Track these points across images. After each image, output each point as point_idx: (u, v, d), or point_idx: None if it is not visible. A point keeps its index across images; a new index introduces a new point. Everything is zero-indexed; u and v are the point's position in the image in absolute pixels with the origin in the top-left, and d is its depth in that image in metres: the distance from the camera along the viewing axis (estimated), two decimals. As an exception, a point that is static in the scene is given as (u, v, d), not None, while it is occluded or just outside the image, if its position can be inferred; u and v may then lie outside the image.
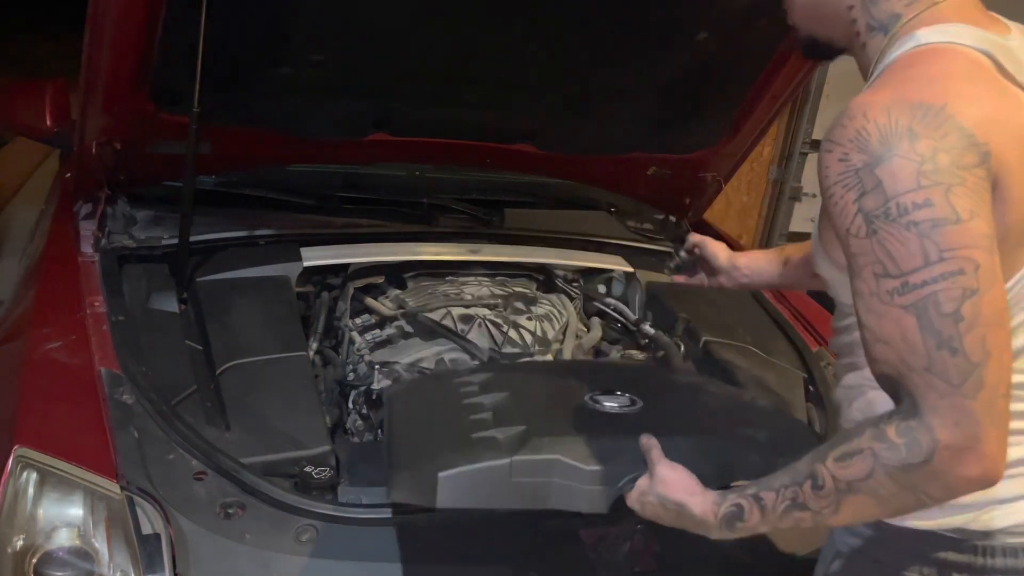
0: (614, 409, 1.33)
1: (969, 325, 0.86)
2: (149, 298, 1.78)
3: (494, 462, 1.19)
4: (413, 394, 1.54)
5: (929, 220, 0.86)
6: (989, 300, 0.86)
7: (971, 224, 0.86)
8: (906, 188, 0.87)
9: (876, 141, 0.88)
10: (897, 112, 0.89)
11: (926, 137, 0.87)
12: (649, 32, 1.89)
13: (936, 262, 0.86)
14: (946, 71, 0.94)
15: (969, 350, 0.86)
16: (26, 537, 1.24)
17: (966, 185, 0.86)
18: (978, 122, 0.88)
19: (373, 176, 2.37)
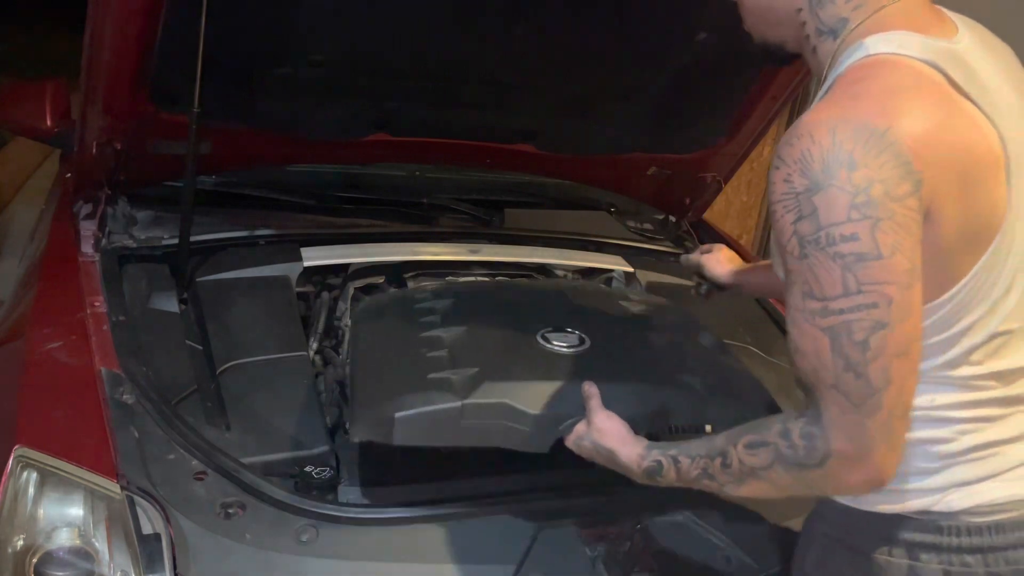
0: (563, 349, 1.44)
1: (875, 355, 0.93)
2: (149, 298, 1.78)
3: (447, 405, 1.30)
4: (377, 320, 1.61)
5: (853, 254, 0.92)
6: (897, 334, 0.93)
7: (891, 260, 0.92)
8: (837, 220, 0.92)
9: (818, 168, 0.93)
10: (841, 134, 0.93)
11: (864, 166, 0.91)
12: (649, 32, 1.89)
13: (855, 293, 0.92)
14: (892, 86, 0.97)
15: (872, 376, 0.93)
16: (26, 537, 1.24)
17: (894, 219, 0.91)
18: (918, 146, 0.92)
19: (373, 176, 2.37)
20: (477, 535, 1.38)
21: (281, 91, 1.89)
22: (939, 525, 1.07)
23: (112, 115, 1.77)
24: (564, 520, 1.42)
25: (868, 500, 1.11)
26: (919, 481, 1.08)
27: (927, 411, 1.06)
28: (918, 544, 1.08)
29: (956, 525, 1.07)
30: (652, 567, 1.40)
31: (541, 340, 1.46)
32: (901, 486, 1.09)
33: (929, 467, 1.08)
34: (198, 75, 1.59)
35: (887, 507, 1.09)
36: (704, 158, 2.37)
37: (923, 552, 1.08)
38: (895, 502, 1.09)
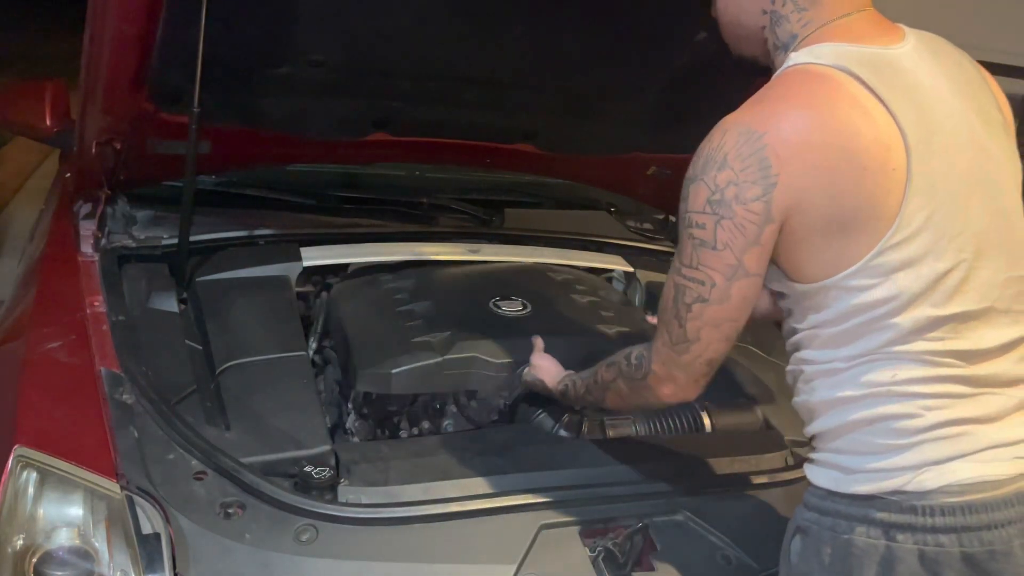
0: (512, 313, 1.84)
1: (694, 317, 1.18)
2: (149, 298, 1.78)
3: (431, 360, 1.67)
4: (354, 298, 1.91)
5: (699, 239, 1.14)
6: (713, 311, 1.16)
7: (721, 253, 1.13)
8: (696, 209, 1.14)
9: (700, 162, 1.14)
10: (730, 135, 1.12)
11: (729, 169, 1.10)
12: (649, 32, 1.89)
13: (694, 268, 1.16)
14: (786, 93, 1.13)
15: (688, 330, 1.19)
16: (26, 537, 1.24)
17: (734, 220, 1.11)
18: (785, 150, 1.08)
19: (373, 176, 2.37)
20: (477, 535, 1.38)
21: (281, 91, 1.89)
22: (913, 505, 1.11)
23: (112, 115, 1.77)
24: (564, 520, 1.42)
25: (846, 482, 1.16)
26: (891, 458, 1.12)
27: (889, 386, 1.12)
28: (894, 525, 1.11)
29: (930, 505, 1.10)
30: (652, 567, 1.40)
31: (493, 307, 1.85)
32: (874, 464, 1.13)
33: (899, 443, 1.12)
34: (198, 75, 1.59)
35: (864, 488, 1.14)
36: (704, 158, 2.36)
37: (899, 533, 1.11)
38: (871, 482, 1.13)
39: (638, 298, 2.24)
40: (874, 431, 1.14)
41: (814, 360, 1.19)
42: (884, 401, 1.13)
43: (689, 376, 1.24)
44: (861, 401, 1.14)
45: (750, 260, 1.13)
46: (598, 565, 1.37)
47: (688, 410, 1.79)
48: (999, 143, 1.20)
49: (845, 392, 1.16)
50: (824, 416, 1.19)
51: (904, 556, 1.10)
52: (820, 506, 1.19)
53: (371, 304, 1.88)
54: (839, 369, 1.16)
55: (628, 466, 1.56)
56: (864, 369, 1.14)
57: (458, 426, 1.71)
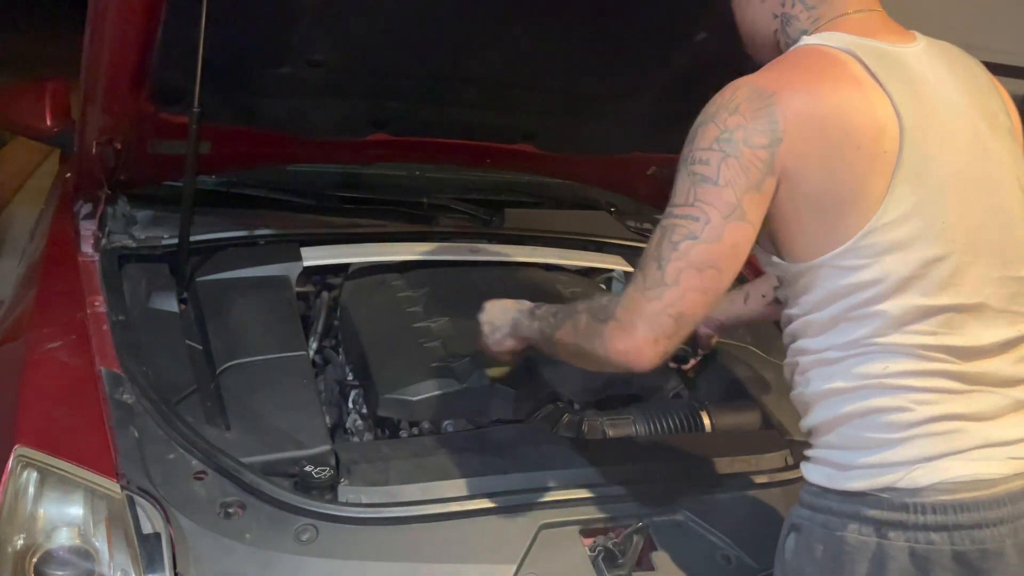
0: None
1: (679, 256, 1.12)
2: (149, 298, 1.78)
3: (451, 389, 1.67)
4: (366, 307, 1.91)
5: (701, 175, 1.12)
6: (702, 250, 1.11)
7: (723, 189, 1.11)
8: (702, 146, 1.13)
9: (712, 109, 1.15)
10: (740, 91, 1.14)
11: (741, 115, 1.11)
12: (649, 32, 1.89)
13: (690, 204, 1.12)
14: (795, 64, 1.17)
15: (667, 272, 1.12)
16: (26, 536, 1.24)
17: (740, 160, 1.10)
18: (791, 112, 1.10)
19: (373, 176, 2.37)
20: (477, 535, 1.38)
21: (281, 91, 1.89)
22: (905, 503, 1.11)
23: (112, 115, 1.77)
24: (564, 520, 1.42)
25: (839, 479, 1.16)
26: (882, 453, 1.13)
27: (881, 379, 1.13)
28: (885, 522, 1.11)
29: (921, 503, 1.10)
30: (652, 567, 1.40)
31: None
32: (866, 459, 1.13)
33: (890, 437, 1.12)
34: (198, 75, 1.59)
35: (856, 484, 1.14)
36: (704, 158, 2.36)
37: (890, 530, 1.11)
38: (863, 479, 1.13)
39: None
40: (866, 424, 1.14)
41: (809, 350, 1.20)
42: (876, 393, 1.13)
43: (649, 331, 1.13)
44: (853, 393, 1.15)
45: (749, 204, 1.11)
46: (598, 565, 1.37)
47: (688, 410, 1.80)
48: (1004, 145, 1.21)
49: (838, 383, 1.16)
50: (818, 408, 1.20)
51: (895, 554, 1.11)
52: (813, 503, 1.20)
53: (386, 317, 1.86)
54: (832, 359, 1.16)
55: (628, 466, 1.56)
56: (857, 360, 1.14)
57: (458, 426, 1.71)
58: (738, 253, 1.13)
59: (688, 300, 1.13)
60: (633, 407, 1.79)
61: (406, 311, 1.87)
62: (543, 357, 1.66)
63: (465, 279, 2.03)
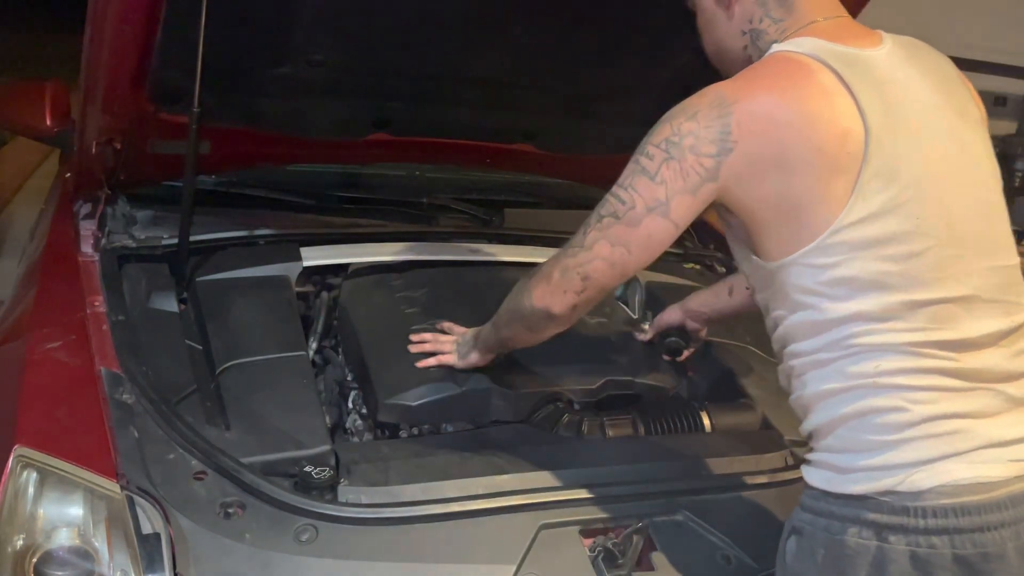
0: None
1: (599, 228, 1.26)
2: (149, 298, 1.78)
3: (451, 393, 1.65)
4: (365, 308, 1.90)
5: (642, 166, 1.22)
6: (617, 229, 1.24)
7: (656, 186, 1.20)
8: (654, 142, 1.21)
9: (675, 109, 1.21)
10: (707, 97, 1.19)
11: (695, 122, 1.17)
12: (649, 32, 1.89)
13: (624, 187, 1.24)
14: (762, 72, 1.21)
15: (587, 237, 1.28)
16: (26, 536, 1.24)
17: (681, 163, 1.18)
18: (748, 120, 1.14)
19: (373, 176, 2.37)
20: (477, 535, 1.38)
21: (281, 91, 1.89)
22: (906, 507, 1.10)
23: (112, 115, 1.77)
24: (564, 520, 1.42)
25: (839, 482, 1.15)
26: (881, 455, 1.12)
27: (873, 378, 1.13)
28: (886, 526, 1.11)
29: (922, 507, 1.10)
30: (652, 567, 1.40)
31: None
32: (866, 462, 1.13)
33: (887, 439, 1.12)
34: (198, 75, 1.59)
35: (857, 488, 1.13)
36: (704, 158, 2.36)
37: (891, 534, 1.11)
38: (864, 482, 1.13)
39: (638, 298, 2.24)
40: (863, 425, 1.14)
41: (801, 352, 1.20)
42: (870, 393, 1.13)
43: (562, 282, 1.32)
44: (847, 393, 1.14)
45: (678, 205, 1.20)
46: (598, 565, 1.37)
47: (688, 410, 1.80)
48: (978, 136, 1.24)
49: (832, 384, 1.16)
50: (816, 411, 1.20)
51: (896, 557, 1.10)
52: (814, 507, 1.19)
53: (384, 319, 1.86)
54: (825, 361, 1.17)
55: (628, 466, 1.56)
56: (849, 360, 1.14)
57: (458, 427, 1.71)
58: (651, 243, 1.24)
59: (595, 266, 1.28)
60: (633, 407, 1.79)
61: (405, 311, 1.87)
62: (543, 357, 1.73)
63: (465, 279, 2.03)
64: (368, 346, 1.76)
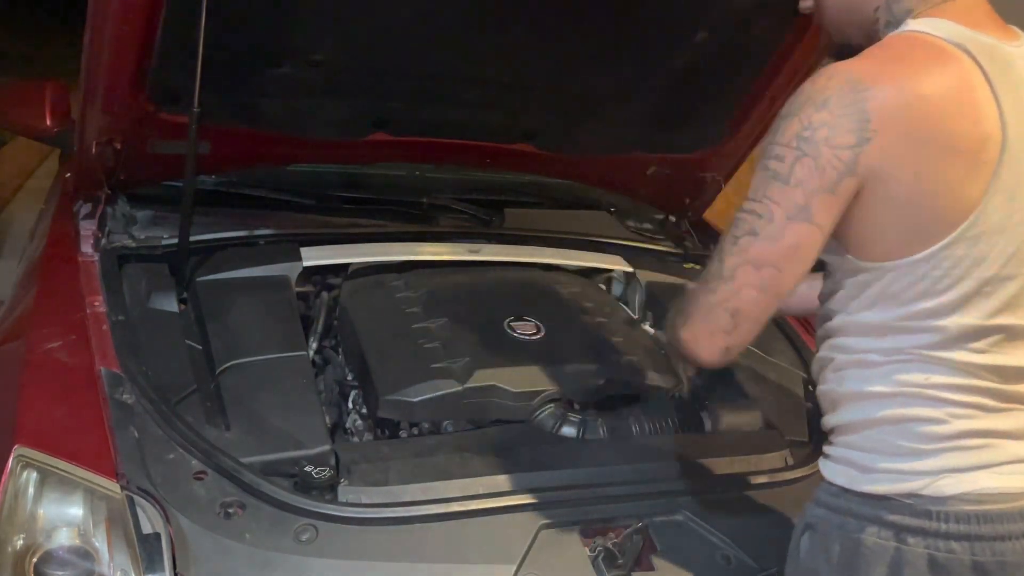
0: (526, 337, 1.82)
1: (737, 251, 1.11)
2: (149, 298, 1.77)
3: (452, 390, 1.65)
4: (366, 308, 1.90)
5: (773, 171, 1.08)
6: (760, 247, 1.09)
7: (792, 189, 1.07)
8: (782, 141, 1.08)
9: (800, 100, 1.08)
10: (836, 80, 1.06)
11: (829, 112, 1.05)
12: (649, 32, 1.89)
13: (757, 199, 1.10)
14: (899, 54, 1.09)
15: (724, 266, 1.12)
16: (26, 536, 1.24)
17: (817, 161, 1.05)
18: (886, 110, 1.03)
19: (373, 176, 2.37)
20: (477, 535, 1.38)
21: (281, 91, 1.89)
22: (928, 510, 1.10)
23: (112, 115, 1.77)
24: (564, 520, 1.42)
25: (860, 480, 1.15)
26: (911, 461, 1.12)
27: (921, 388, 1.11)
28: (906, 527, 1.11)
29: (944, 511, 1.09)
30: (652, 567, 1.40)
31: (508, 329, 1.83)
32: (892, 465, 1.12)
33: (921, 447, 1.11)
34: (198, 75, 1.59)
35: (878, 488, 1.13)
36: (704, 158, 2.37)
37: (910, 536, 1.10)
38: (886, 483, 1.12)
39: (638, 298, 2.24)
40: (898, 431, 1.12)
41: (849, 348, 1.17)
42: (914, 402, 1.12)
43: (706, 323, 1.14)
44: (891, 399, 1.13)
45: (819, 206, 1.06)
46: (598, 565, 1.37)
47: (688, 410, 1.80)
48: None
49: (875, 387, 1.14)
50: (848, 409, 1.18)
51: (913, 560, 1.10)
52: (831, 503, 1.18)
53: (385, 318, 1.86)
54: (873, 363, 1.14)
55: (628, 466, 1.56)
56: (899, 367, 1.12)
57: (458, 426, 1.71)
58: (800, 255, 1.09)
59: (744, 297, 1.11)
60: (633, 407, 1.79)
61: (405, 311, 1.86)
62: (543, 357, 1.75)
63: (465, 279, 2.03)
64: (368, 345, 1.76)
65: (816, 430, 1.81)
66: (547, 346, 1.81)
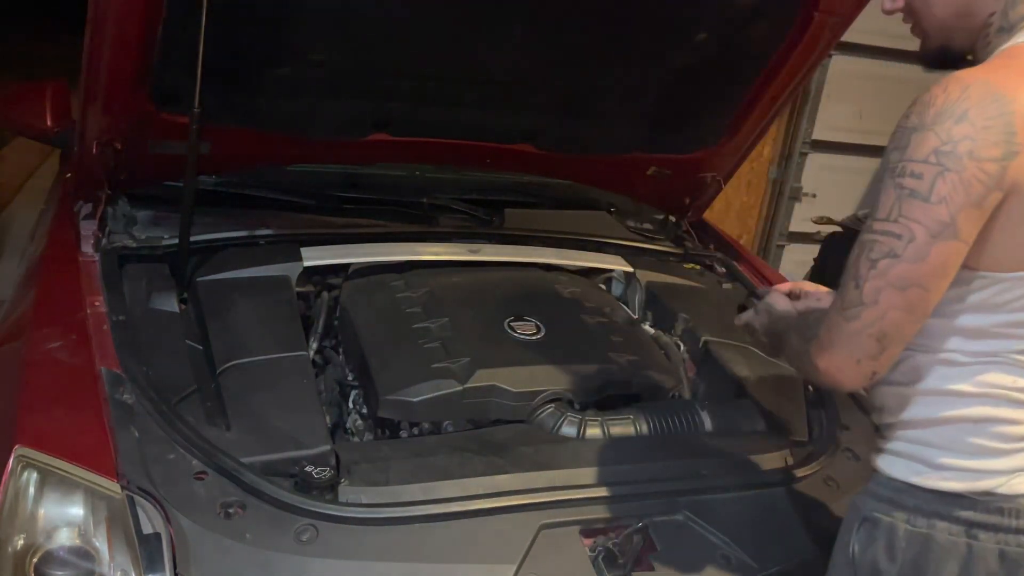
0: (526, 337, 1.83)
1: (877, 275, 1.07)
2: (149, 298, 1.78)
3: (453, 389, 1.66)
4: (366, 308, 1.90)
5: (909, 189, 1.04)
6: (903, 269, 1.05)
7: (934, 207, 1.03)
8: (917, 157, 1.04)
9: (933, 112, 1.04)
10: (974, 91, 1.03)
11: (970, 124, 1.01)
12: (649, 32, 1.89)
13: (891, 220, 1.06)
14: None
15: (865, 292, 1.08)
16: (27, 536, 1.24)
17: (961, 175, 1.02)
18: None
19: (373, 176, 2.37)
20: (477, 535, 1.38)
21: (281, 91, 1.89)
22: (1000, 507, 1.13)
23: (112, 115, 1.77)
24: (564, 520, 1.42)
25: (931, 476, 1.16)
26: (987, 460, 1.14)
27: (1008, 391, 1.13)
28: (977, 524, 1.14)
29: (1015, 508, 1.13)
30: (652, 567, 1.40)
31: (508, 329, 1.84)
32: (968, 463, 1.15)
33: (999, 447, 1.14)
34: (198, 75, 1.59)
35: (953, 485, 1.15)
36: (704, 158, 2.37)
37: (981, 531, 1.13)
38: (961, 480, 1.15)
39: (638, 298, 2.24)
40: (978, 431, 1.14)
41: (933, 348, 1.16)
42: (1000, 404, 1.13)
43: (850, 352, 1.10)
44: (975, 399, 1.14)
45: (965, 221, 1.03)
46: (598, 565, 1.37)
47: (688, 410, 1.80)
48: None
49: (959, 386, 1.15)
50: (922, 405, 1.18)
51: (985, 555, 1.13)
52: (894, 498, 1.19)
53: (385, 318, 1.86)
54: (959, 362, 1.15)
55: (628, 466, 1.56)
56: (987, 368, 1.13)
57: (458, 426, 1.71)
58: (947, 271, 1.07)
59: (890, 319, 1.08)
60: (633, 407, 1.79)
61: (406, 311, 1.87)
62: (543, 357, 1.74)
63: (465, 279, 2.03)
64: (369, 345, 1.77)
65: (815, 430, 1.82)
66: (547, 346, 1.81)
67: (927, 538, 1.15)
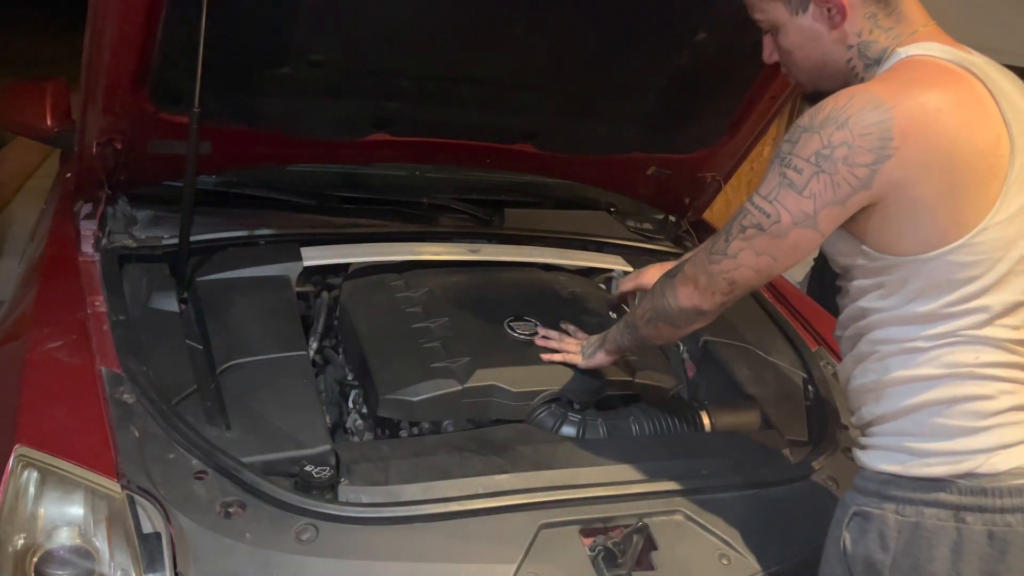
0: (526, 337, 1.82)
1: (742, 238, 1.27)
2: (150, 298, 1.78)
3: (452, 389, 1.66)
4: (366, 307, 1.91)
5: (789, 180, 1.20)
6: (762, 240, 1.25)
7: (804, 200, 1.19)
8: (802, 155, 1.19)
9: (821, 117, 1.18)
10: (856, 100, 1.16)
11: (848, 132, 1.15)
12: (648, 32, 1.89)
13: (769, 200, 1.23)
14: (914, 77, 1.19)
15: (730, 247, 1.29)
16: (27, 536, 1.24)
17: (833, 177, 1.17)
18: (910, 125, 1.13)
19: (373, 176, 2.37)
20: (477, 535, 1.38)
21: (281, 91, 1.89)
22: (983, 488, 1.17)
23: (112, 115, 1.77)
24: (564, 520, 1.42)
25: (914, 465, 1.20)
26: (968, 439, 1.18)
27: (971, 367, 1.19)
28: (964, 507, 1.17)
29: (999, 487, 1.16)
30: (652, 566, 1.40)
31: (508, 329, 1.84)
32: (947, 445, 1.18)
33: (974, 425, 1.18)
34: (198, 75, 1.59)
35: (935, 470, 1.19)
36: (704, 158, 2.37)
37: (968, 514, 1.16)
38: (943, 464, 1.19)
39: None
40: (951, 412, 1.19)
41: (894, 340, 1.23)
42: (965, 382, 1.19)
43: (709, 286, 1.34)
44: (941, 380, 1.19)
45: (826, 216, 1.19)
46: (598, 564, 1.37)
47: (688, 410, 1.80)
48: None
49: (925, 371, 1.21)
50: (894, 395, 1.23)
51: (974, 537, 1.15)
52: (881, 491, 1.23)
53: (385, 318, 1.86)
54: (920, 348, 1.21)
55: (628, 466, 1.56)
56: (947, 350, 1.19)
57: (458, 426, 1.71)
58: (797, 252, 1.25)
59: (741, 272, 1.30)
60: (633, 407, 1.79)
61: (406, 311, 1.87)
62: (543, 357, 1.73)
63: (465, 279, 2.03)
64: (369, 345, 1.77)
65: (815, 429, 1.82)
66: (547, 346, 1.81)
67: (917, 526, 1.18)
